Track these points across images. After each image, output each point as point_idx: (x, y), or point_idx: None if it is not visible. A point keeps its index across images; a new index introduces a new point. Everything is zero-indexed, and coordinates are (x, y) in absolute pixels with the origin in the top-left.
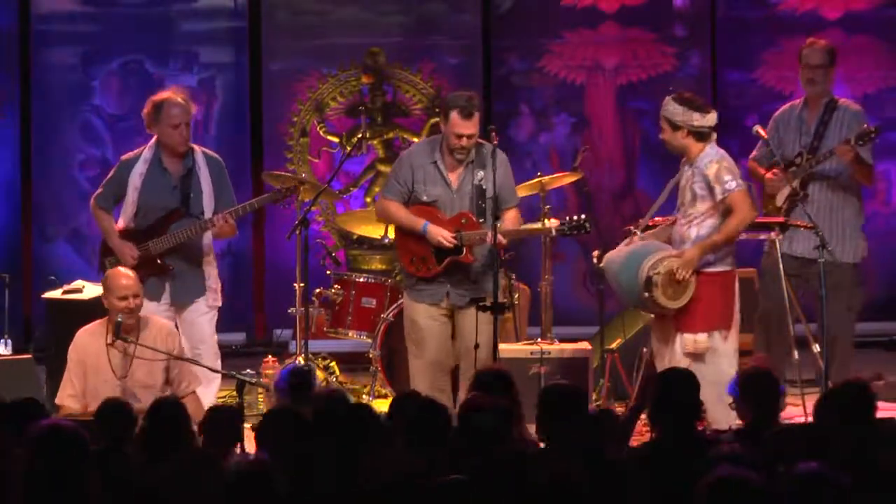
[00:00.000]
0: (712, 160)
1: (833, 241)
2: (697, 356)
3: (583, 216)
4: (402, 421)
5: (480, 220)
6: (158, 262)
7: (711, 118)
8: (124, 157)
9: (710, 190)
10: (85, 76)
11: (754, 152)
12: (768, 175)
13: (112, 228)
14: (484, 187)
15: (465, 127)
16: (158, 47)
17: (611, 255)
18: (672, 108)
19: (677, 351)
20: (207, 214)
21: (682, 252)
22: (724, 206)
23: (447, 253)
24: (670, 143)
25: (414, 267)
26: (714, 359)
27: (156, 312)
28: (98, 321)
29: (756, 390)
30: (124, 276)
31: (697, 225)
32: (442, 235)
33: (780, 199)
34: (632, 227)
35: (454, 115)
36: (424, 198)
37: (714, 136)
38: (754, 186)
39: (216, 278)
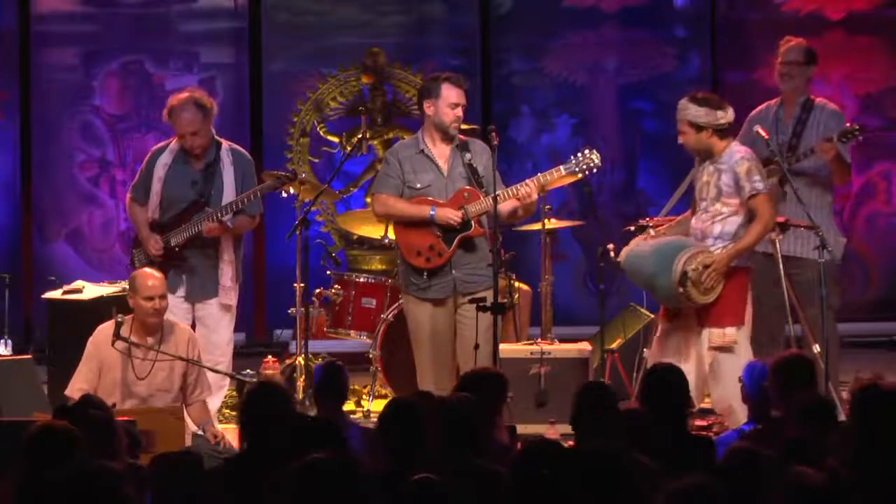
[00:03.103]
0: (744, 157)
1: (814, 237)
2: (724, 349)
3: (586, 150)
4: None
5: (481, 190)
6: (177, 250)
7: (731, 113)
8: (155, 147)
9: (738, 187)
10: (85, 76)
11: None
12: None
13: (143, 221)
14: (475, 165)
15: (459, 95)
16: (158, 47)
17: (632, 249)
18: (694, 111)
19: (703, 347)
20: (228, 211)
21: (714, 252)
22: (749, 204)
23: (455, 233)
24: (693, 146)
25: (423, 259)
26: (739, 352)
27: (172, 305)
28: None
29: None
30: (150, 276)
31: (721, 221)
32: (450, 213)
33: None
34: (647, 223)
35: (446, 86)
36: (418, 185)
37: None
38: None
39: (231, 277)
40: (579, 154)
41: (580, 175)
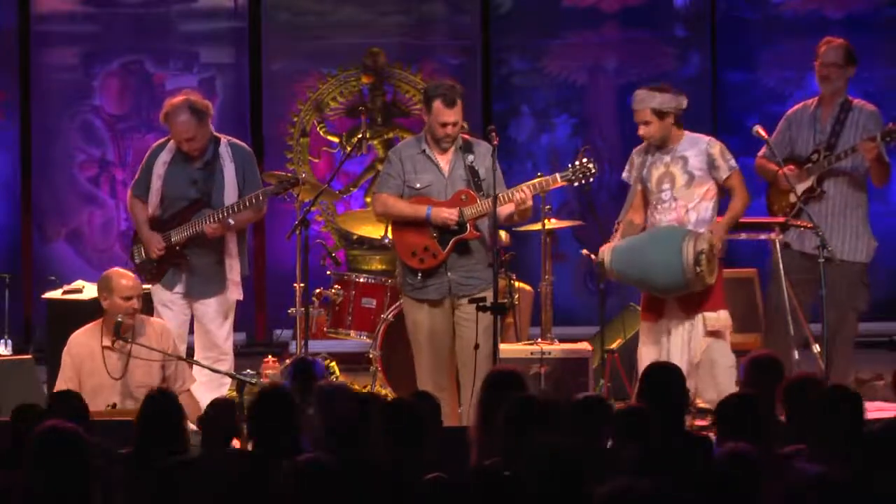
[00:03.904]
0: (711, 140)
1: (847, 238)
2: (718, 334)
3: (584, 159)
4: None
5: (479, 193)
6: (177, 249)
7: (686, 100)
8: (155, 143)
9: (713, 168)
10: (85, 76)
11: (764, 150)
12: (787, 169)
13: (143, 219)
14: (476, 168)
15: (449, 115)
16: (158, 47)
17: (616, 249)
18: (660, 98)
19: (697, 333)
20: (229, 213)
21: (712, 229)
22: (727, 183)
23: (451, 235)
24: (656, 134)
25: (418, 259)
26: (728, 341)
27: (169, 301)
28: (91, 323)
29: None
30: (125, 276)
31: (695, 209)
32: (445, 214)
33: (795, 196)
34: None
35: (437, 103)
36: (418, 185)
37: None
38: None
39: (237, 271)
40: (577, 163)
41: (576, 183)
